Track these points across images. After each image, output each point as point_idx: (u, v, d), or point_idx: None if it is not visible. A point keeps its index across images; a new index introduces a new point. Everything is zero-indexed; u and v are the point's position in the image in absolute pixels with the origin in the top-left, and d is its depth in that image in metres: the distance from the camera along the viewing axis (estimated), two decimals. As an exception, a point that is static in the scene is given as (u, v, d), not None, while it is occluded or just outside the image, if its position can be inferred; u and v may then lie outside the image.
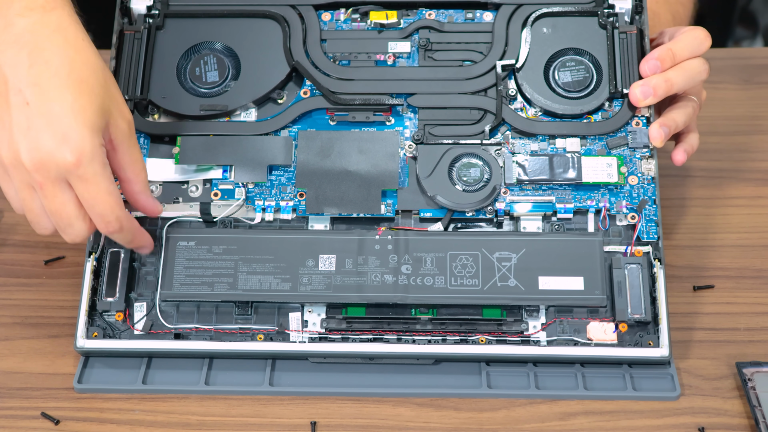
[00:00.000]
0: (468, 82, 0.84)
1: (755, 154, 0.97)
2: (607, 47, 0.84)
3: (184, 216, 0.81)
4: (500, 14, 0.86)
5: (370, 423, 0.75)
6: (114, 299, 0.79)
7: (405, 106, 0.84)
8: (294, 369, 0.78)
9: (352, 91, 0.84)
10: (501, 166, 0.81)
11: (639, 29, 0.85)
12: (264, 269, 0.78)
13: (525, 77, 0.84)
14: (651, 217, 0.80)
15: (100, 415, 0.76)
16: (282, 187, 0.82)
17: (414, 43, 0.86)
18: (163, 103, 0.84)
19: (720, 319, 0.82)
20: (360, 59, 0.85)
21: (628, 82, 0.83)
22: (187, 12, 0.87)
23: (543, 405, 0.76)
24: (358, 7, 0.86)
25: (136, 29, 0.86)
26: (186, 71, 0.85)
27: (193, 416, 0.76)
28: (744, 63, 1.08)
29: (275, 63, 0.85)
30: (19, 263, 0.87)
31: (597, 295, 0.77)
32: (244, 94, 0.84)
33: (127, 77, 0.84)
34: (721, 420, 0.75)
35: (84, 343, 0.77)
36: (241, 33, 0.86)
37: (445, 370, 0.78)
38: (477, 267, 0.78)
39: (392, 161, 0.81)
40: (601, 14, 0.85)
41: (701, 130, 0.98)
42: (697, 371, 0.78)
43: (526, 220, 0.81)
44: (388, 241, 0.78)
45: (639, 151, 0.82)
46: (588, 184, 0.81)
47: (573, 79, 0.83)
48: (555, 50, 0.84)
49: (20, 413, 0.76)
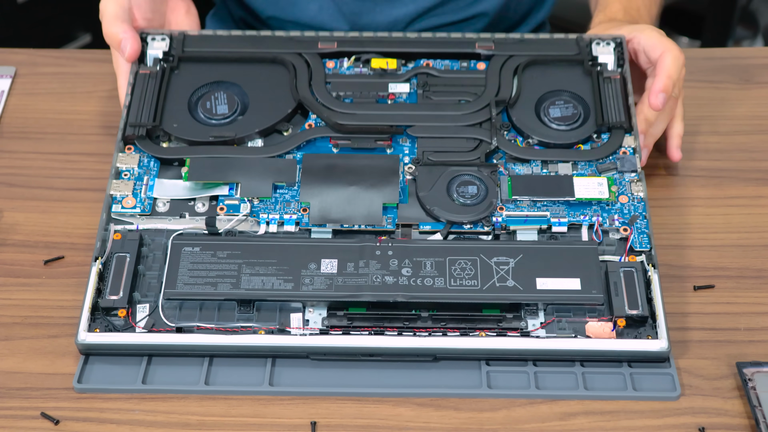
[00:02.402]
0: (464, 116, 0.89)
1: (755, 154, 0.97)
2: (593, 89, 0.91)
3: (190, 228, 0.83)
4: (492, 63, 0.93)
5: (370, 423, 0.75)
6: (117, 297, 0.79)
7: (404, 137, 0.88)
8: (294, 369, 0.78)
9: (355, 122, 0.88)
10: (497, 186, 0.84)
11: (622, 76, 0.92)
12: (267, 271, 0.79)
13: (517, 113, 0.90)
14: (642, 230, 0.82)
15: (100, 415, 0.76)
16: (286, 203, 0.84)
17: (413, 86, 0.92)
18: (174, 131, 0.88)
19: (720, 319, 0.82)
20: (362, 97, 0.91)
21: (615, 117, 0.89)
22: (201, 57, 0.93)
23: (543, 405, 0.76)
24: (360, 56, 0.93)
25: (152, 69, 0.92)
26: (197, 104, 0.90)
27: (193, 416, 0.76)
28: (744, 63, 1.08)
29: (282, 99, 0.90)
30: (19, 263, 0.87)
31: (594, 294, 0.78)
32: (251, 126, 0.88)
33: (140, 106, 0.89)
34: (721, 420, 0.75)
35: (86, 337, 0.77)
36: (250, 75, 0.92)
37: (445, 370, 0.78)
38: (476, 270, 0.79)
39: (393, 177, 0.84)
40: (586, 63, 0.92)
41: (701, 130, 0.99)
42: (697, 371, 0.78)
43: (522, 234, 0.83)
44: (388, 247, 0.80)
45: (628, 175, 0.86)
46: (580, 200, 0.84)
47: (562, 114, 0.89)
48: (545, 91, 0.91)
49: (20, 413, 0.76)
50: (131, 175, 0.86)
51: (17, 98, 1.04)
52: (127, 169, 0.86)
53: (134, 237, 0.82)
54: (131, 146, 0.88)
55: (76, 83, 1.05)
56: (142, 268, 0.82)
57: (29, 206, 0.92)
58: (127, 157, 0.87)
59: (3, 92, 1.04)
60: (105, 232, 0.83)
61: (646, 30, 0.94)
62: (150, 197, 0.85)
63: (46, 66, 1.08)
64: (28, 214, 0.91)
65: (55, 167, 0.96)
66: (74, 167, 0.96)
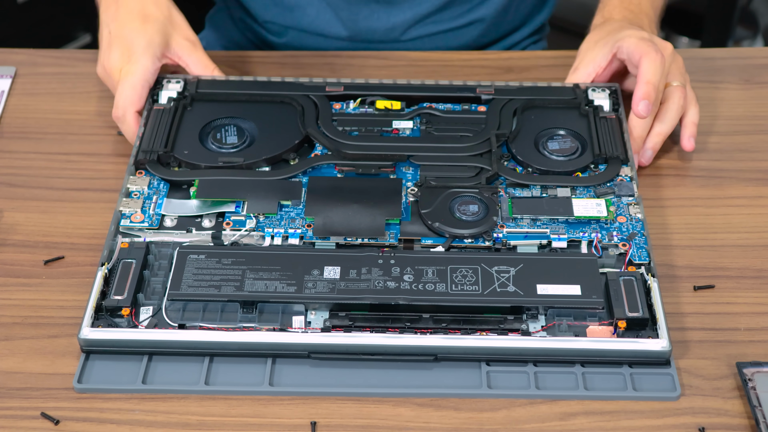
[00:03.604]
0: (465, 148, 0.91)
1: (756, 154, 0.97)
2: (589, 126, 0.93)
3: (196, 241, 0.84)
4: (492, 105, 0.95)
5: (370, 423, 0.75)
6: (122, 297, 0.79)
7: (407, 165, 0.90)
8: (294, 369, 0.78)
9: (360, 152, 0.91)
10: (498, 206, 0.85)
11: (618, 117, 0.94)
12: (270, 276, 0.80)
13: (517, 145, 0.92)
14: (641, 245, 0.83)
15: (100, 415, 0.76)
16: (291, 220, 0.85)
17: (416, 123, 0.95)
18: (185, 157, 0.90)
19: (720, 319, 0.82)
20: (367, 132, 0.94)
21: (611, 150, 0.90)
22: (213, 98, 0.97)
23: (543, 405, 0.76)
24: (365, 98, 0.96)
25: (166, 106, 0.95)
26: (208, 135, 0.93)
27: (193, 416, 0.76)
28: (744, 63, 1.08)
29: (290, 132, 0.93)
30: (19, 263, 0.87)
31: (594, 299, 0.78)
32: (259, 154, 0.91)
33: (153, 136, 0.92)
34: (721, 420, 0.75)
35: (88, 333, 0.77)
36: (260, 112, 0.95)
37: (445, 370, 0.78)
38: (477, 277, 0.80)
39: (396, 196, 0.86)
40: (582, 107, 0.95)
41: (702, 130, 0.99)
42: (697, 371, 0.78)
43: (523, 249, 0.84)
44: (390, 257, 0.81)
45: (625, 198, 0.87)
46: (579, 219, 0.85)
47: (561, 147, 0.91)
48: (543, 128, 0.94)
49: (20, 413, 0.76)
50: (141, 195, 0.87)
51: (17, 98, 1.04)
52: (137, 190, 0.88)
53: (141, 246, 0.83)
54: (142, 171, 0.89)
55: (76, 83, 1.06)
56: (147, 274, 0.82)
57: (29, 206, 0.92)
58: (137, 180, 0.88)
59: (3, 92, 1.04)
60: (113, 242, 0.84)
61: (627, 37, 0.95)
62: (158, 213, 0.86)
63: (46, 66, 1.08)
64: (28, 214, 0.91)
65: (55, 167, 0.96)
66: (74, 167, 0.96)
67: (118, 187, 0.91)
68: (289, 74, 1.07)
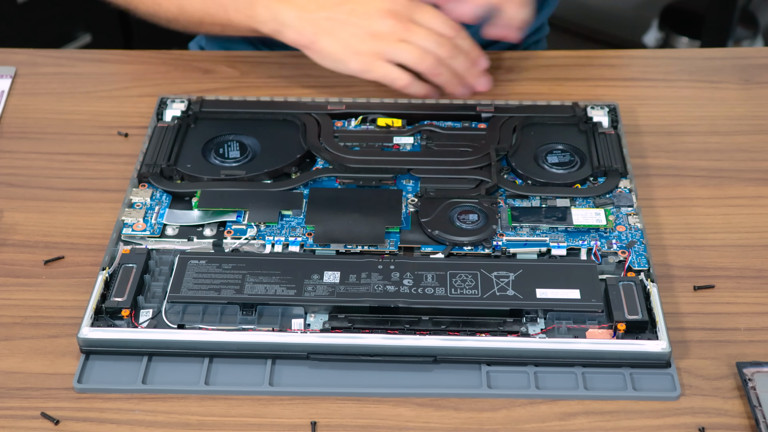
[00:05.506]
0: (465, 162, 0.92)
1: (756, 154, 0.97)
2: (588, 140, 0.95)
3: (196, 249, 0.85)
4: (492, 122, 0.97)
5: (370, 423, 0.75)
6: (122, 299, 0.79)
7: (408, 178, 0.91)
8: (294, 369, 0.78)
9: (361, 165, 0.92)
10: (497, 216, 0.86)
11: (617, 133, 0.96)
12: (270, 280, 0.80)
13: (516, 159, 0.93)
14: (641, 252, 0.83)
15: (100, 415, 0.76)
16: (291, 228, 0.86)
17: (417, 139, 0.96)
18: (188, 170, 0.91)
19: (720, 319, 0.82)
20: (368, 147, 0.95)
21: (610, 163, 0.92)
22: (216, 116, 0.98)
23: (543, 405, 0.76)
24: (367, 116, 0.98)
25: (170, 124, 0.96)
26: (211, 150, 0.94)
27: (193, 416, 0.76)
28: (744, 63, 1.08)
29: (291, 148, 0.94)
30: (19, 263, 0.87)
31: (594, 302, 0.79)
32: (261, 168, 0.92)
33: (157, 151, 0.93)
34: (721, 420, 0.75)
35: (87, 333, 0.77)
36: (262, 128, 0.97)
37: (445, 370, 0.78)
38: (476, 281, 0.80)
39: (396, 205, 0.87)
40: (581, 124, 0.96)
41: (702, 130, 0.99)
42: (697, 371, 0.78)
43: (522, 256, 0.84)
44: (390, 262, 0.82)
45: (625, 209, 0.87)
46: (579, 228, 0.85)
47: (560, 161, 0.92)
48: (543, 143, 0.95)
49: (20, 413, 0.76)
50: (143, 205, 0.88)
51: (17, 98, 1.04)
52: (140, 201, 0.88)
53: (142, 252, 0.83)
54: (145, 183, 0.90)
55: (76, 83, 1.06)
56: (148, 278, 0.82)
57: (29, 206, 0.92)
58: (140, 192, 0.89)
59: (3, 92, 1.04)
60: (114, 249, 0.84)
61: None
62: (160, 222, 0.86)
63: (46, 66, 1.08)
64: (28, 214, 0.91)
65: (55, 167, 0.96)
66: (74, 167, 0.96)
67: (119, 187, 0.91)
68: (289, 74, 1.07)
